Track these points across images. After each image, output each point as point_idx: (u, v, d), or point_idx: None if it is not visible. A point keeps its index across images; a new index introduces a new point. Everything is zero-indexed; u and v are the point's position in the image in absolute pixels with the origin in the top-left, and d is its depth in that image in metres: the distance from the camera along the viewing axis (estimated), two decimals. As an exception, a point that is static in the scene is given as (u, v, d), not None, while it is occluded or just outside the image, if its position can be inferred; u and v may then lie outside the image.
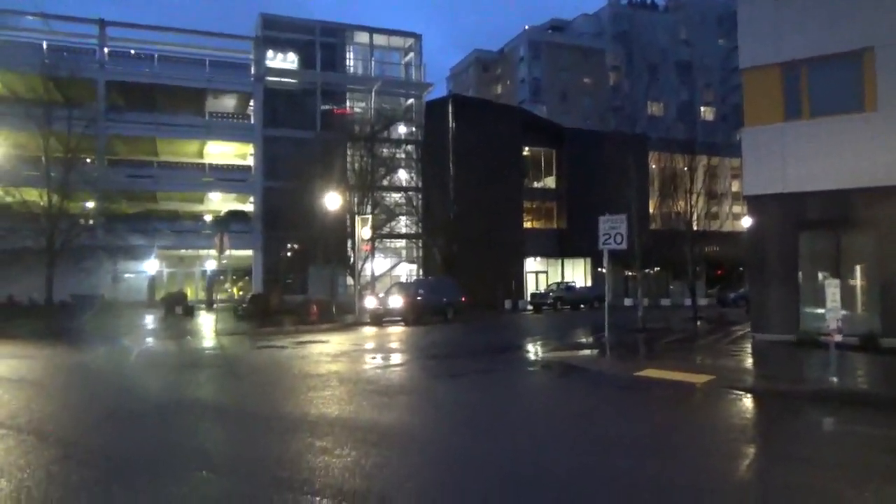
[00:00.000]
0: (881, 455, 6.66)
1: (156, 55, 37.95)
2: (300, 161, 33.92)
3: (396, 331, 23.02)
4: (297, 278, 38.30)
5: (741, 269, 51.48)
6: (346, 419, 8.13)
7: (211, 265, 35.45)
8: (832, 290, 10.26)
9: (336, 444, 6.77)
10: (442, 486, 5.60)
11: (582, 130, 53.46)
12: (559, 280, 45.49)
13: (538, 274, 48.16)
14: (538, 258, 48.32)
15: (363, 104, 42.68)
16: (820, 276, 16.16)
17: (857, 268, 15.99)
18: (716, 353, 14.47)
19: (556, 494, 5.44)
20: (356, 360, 14.23)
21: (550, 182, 49.83)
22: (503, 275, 42.25)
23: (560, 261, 48.91)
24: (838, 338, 10.31)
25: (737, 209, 54.58)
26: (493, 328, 24.91)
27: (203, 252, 34.08)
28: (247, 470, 6.07)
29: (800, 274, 16.29)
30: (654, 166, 42.04)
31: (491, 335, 21.71)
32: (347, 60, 43.10)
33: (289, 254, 32.50)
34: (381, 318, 26.55)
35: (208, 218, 38.67)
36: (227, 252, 25.72)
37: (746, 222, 40.43)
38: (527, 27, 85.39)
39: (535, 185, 49.68)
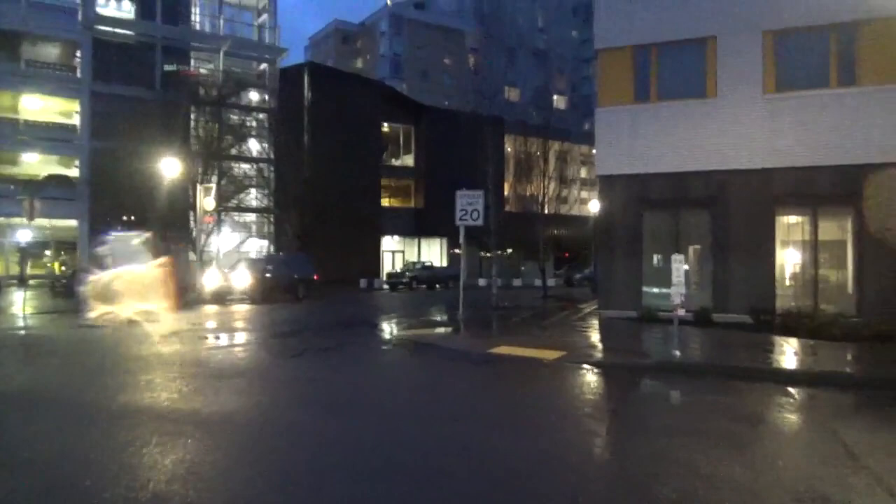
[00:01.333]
0: (729, 422, 6.66)
1: (-43, -11, 32.51)
2: (136, 123, 30.52)
3: (241, 309, 21.39)
4: (131, 252, 34.75)
5: (586, 251, 54.48)
6: (160, 408, 6.92)
7: (25, 235, 31.17)
8: (677, 266, 10.44)
9: (141, 437, 5.63)
10: (261, 476, 4.70)
11: (441, 109, 53.47)
12: (416, 259, 45.27)
13: (395, 253, 47.66)
14: (395, 237, 47.80)
15: (210, 65, 39.49)
16: (655, 258, 16.88)
17: (694, 248, 16.82)
18: (566, 330, 14.58)
19: (407, 471, 4.78)
20: (189, 341, 12.74)
21: (409, 160, 49.33)
22: (359, 253, 41.33)
23: (417, 240, 48.74)
24: (681, 312, 10.54)
25: (584, 194, 57.53)
26: (346, 306, 23.95)
27: (16, 220, 29.80)
28: (23, 470, 4.81)
29: (643, 253, 16.90)
30: (509, 149, 42.93)
31: (343, 313, 20.76)
32: (193, 15, 39.58)
33: (120, 226, 29.32)
34: (225, 297, 24.65)
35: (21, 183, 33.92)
36: (42, 220, 22.50)
37: (594, 206, 42.59)
38: (389, 1, 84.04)
39: (394, 162, 48.99)
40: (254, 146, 39.38)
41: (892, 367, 10.06)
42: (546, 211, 32.61)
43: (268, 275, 25.68)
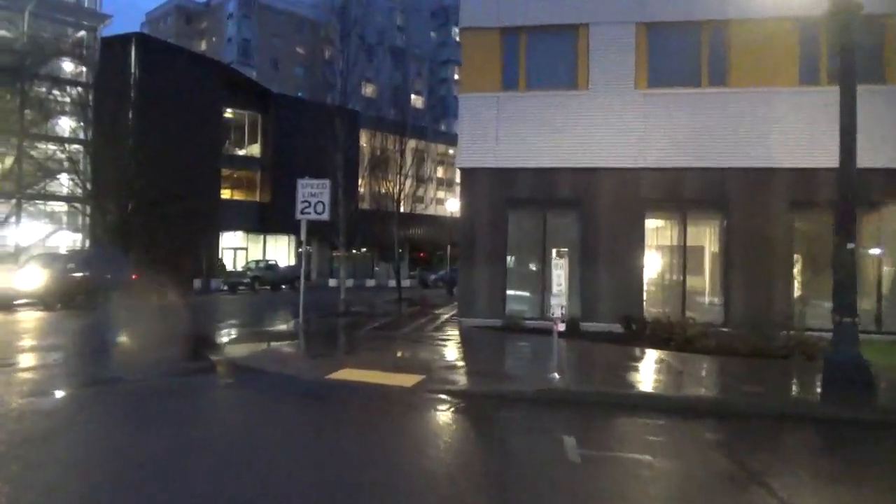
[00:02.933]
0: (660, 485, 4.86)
1: None
2: None
3: (28, 318, 17.24)
4: None
5: (441, 252, 53.47)
6: None
7: None
8: (558, 272, 8.74)
9: None
10: None
11: (292, 97, 49.86)
12: (260, 258, 41.52)
13: (237, 250, 43.51)
14: (238, 233, 43.65)
15: (12, 27, 33.35)
16: (521, 262, 15.41)
17: (561, 251, 15.50)
18: (423, 344, 12.55)
19: None
20: None
21: (255, 150, 45.35)
22: (194, 250, 36.96)
23: (262, 237, 44.87)
24: (561, 327, 8.86)
25: (441, 194, 56.51)
26: (165, 313, 20.31)
27: None
28: None
29: (508, 255, 15.35)
30: (364, 144, 40.66)
31: (157, 323, 17.29)
32: (-11, -35, 33.22)
33: None
34: (11, 301, 20.09)
35: None
36: None
37: (452, 206, 41.54)
38: (238, -18, 78.36)
39: (238, 151, 44.82)
40: (67, 125, 33.82)
41: (783, 392, 9.02)
42: (402, 209, 30.83)
43: (70, 274, 21.37)
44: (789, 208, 14.02)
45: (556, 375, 8.64)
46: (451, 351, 11.66)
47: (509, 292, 15.30)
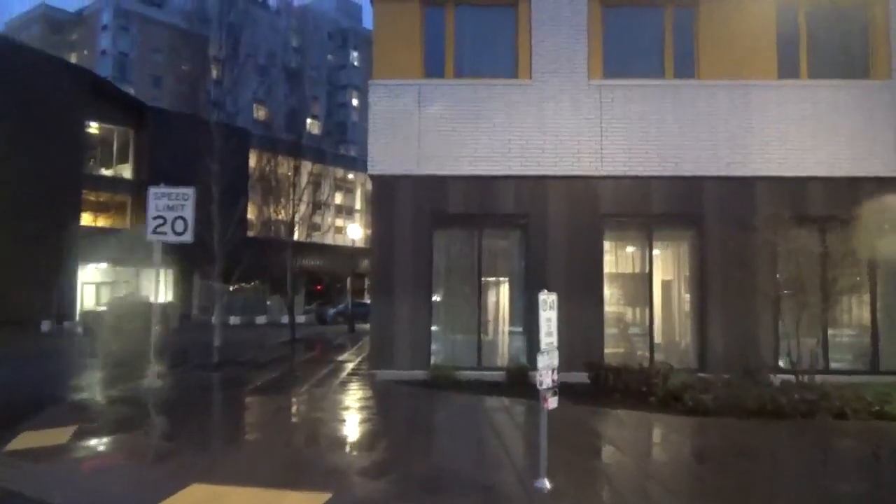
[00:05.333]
0: None
1: None
2: None
3: None
4: None
5: (340, 284, 49.27)
6: None
7: None
8: (548, 314, 5.43)
9: None
10: None
11: (173, 113, 44.08)
12: (127, 293, 35.75)
13: (101, 285, 37.49)
14: (103, 265, 37.66)
15: None
16: (451, 294, 12.08)
17: (503, 281, 12.37)
18: (324, 419, 8.78)
19: None
20: None
21: (126, 170, 39.66)
22: (44, 285, 31.11)
23: (135, 270, 39.01)
24: (552, 403, 5.53)
25: (340, 222, 52.49)
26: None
27: None
28: None
29: (434, 287, 11.98)
30: (253, 165, 36.37)
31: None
32: None
33: None
34: None
35: None
36: None
37: (354, 232, 37.81)
38: (112, -11, 71.75)
39: (104, 171, 39.03)
40: None
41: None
42: (296, 237, 26.95)
43: None
44: (773, 224, 11.52)
45: (547, 484, 5.30)
46: (368, 433, 7.97)
47: (437, 335, 11.92)
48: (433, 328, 11.83)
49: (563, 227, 11.63)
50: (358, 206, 57.79)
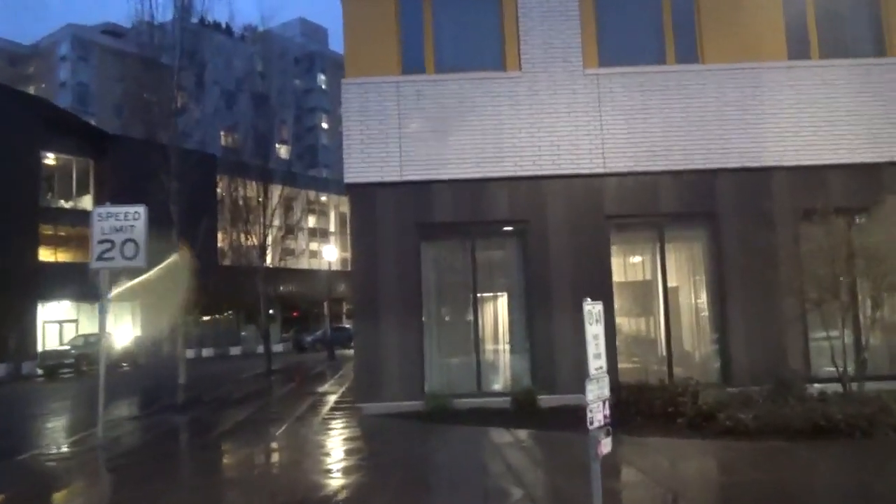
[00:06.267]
0: None
1: None
2: None
3: None
4: None
5: (318, 309, 47.59)
6: None
7: None
8: (594, 330, 4.17)
9: None
10: None
11: (133, 140, 42.29)
12: (90, 331, 33.77)
13: (64, 323, 35.44)
14: (65, 302, 35.67)
15: None
16: (443, 314, 10.75)
17: (501, 296, 11.11)
18: (300, 475, 7.33)
19: None
20: None
21: (86, 202, 37.74)
22: (1, 325, 29.15)
23: (100, 306, 37.01)
24: (606, 446, 4.24)
25: (315, 245, 50.88)
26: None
27: None
28: None
29: (424, 306, 10.66)
30: (222, 192, 34.83)
31: None
32: None
33: None
34: None
35: None
36: None
37: (329, 254, 36.29)
38: (71, 24, 69.92)
39: (64, 204, 37.13)
40: None
41: None
42: (269, 263, 25.55)
43: None
44: (795, 219, 10.45)
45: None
46: (360, 488, 6.55)
47: (429, 360, 10.58)
48: (425, 352, 10.49)
49: (565, 232, 10.43)
50: (332, 228, 56.31)
